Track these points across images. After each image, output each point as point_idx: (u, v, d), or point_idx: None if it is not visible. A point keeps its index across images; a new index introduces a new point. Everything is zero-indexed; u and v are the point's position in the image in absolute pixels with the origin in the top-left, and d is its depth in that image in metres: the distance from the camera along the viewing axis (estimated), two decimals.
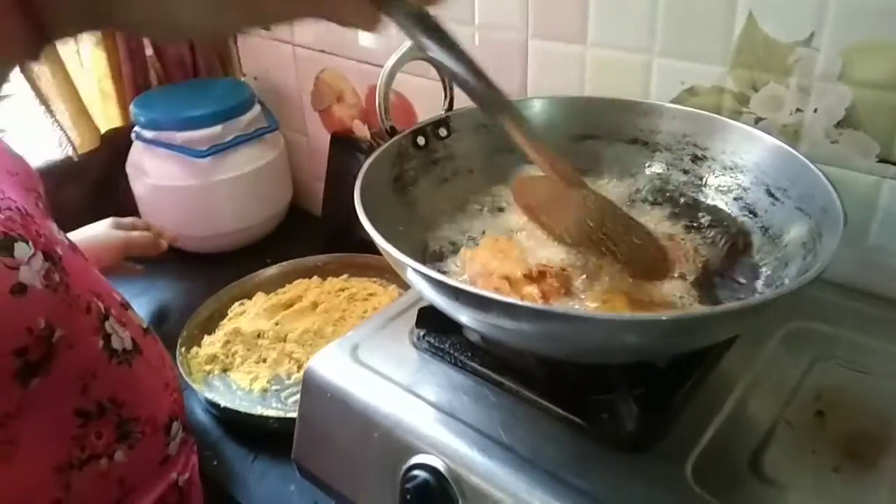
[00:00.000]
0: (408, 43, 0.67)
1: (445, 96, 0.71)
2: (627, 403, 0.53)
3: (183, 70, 1.27)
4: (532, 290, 0.54)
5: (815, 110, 0.66)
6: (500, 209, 0.69)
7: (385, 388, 0.60)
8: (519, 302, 0.46)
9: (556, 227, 0.62)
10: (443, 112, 0.71)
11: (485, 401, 0.58)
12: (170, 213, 1.13)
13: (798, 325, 0.64)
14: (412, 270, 0.49)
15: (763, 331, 0.63)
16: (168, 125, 1.09)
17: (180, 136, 1.08)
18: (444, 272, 0.61)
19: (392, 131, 0.67)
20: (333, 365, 0.63)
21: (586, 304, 0.55)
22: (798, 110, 0.67)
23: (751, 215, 0.64)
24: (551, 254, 0.60)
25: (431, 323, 0.63)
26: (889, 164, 0.64)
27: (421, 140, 0.69)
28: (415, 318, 0.65)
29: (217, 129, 1.10)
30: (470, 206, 0.70)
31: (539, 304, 0.50)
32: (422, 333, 0.64)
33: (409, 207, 0.66)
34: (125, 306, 0.69)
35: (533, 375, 0.58)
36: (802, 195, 0.59)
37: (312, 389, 0.63)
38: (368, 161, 0.63)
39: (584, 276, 0.58)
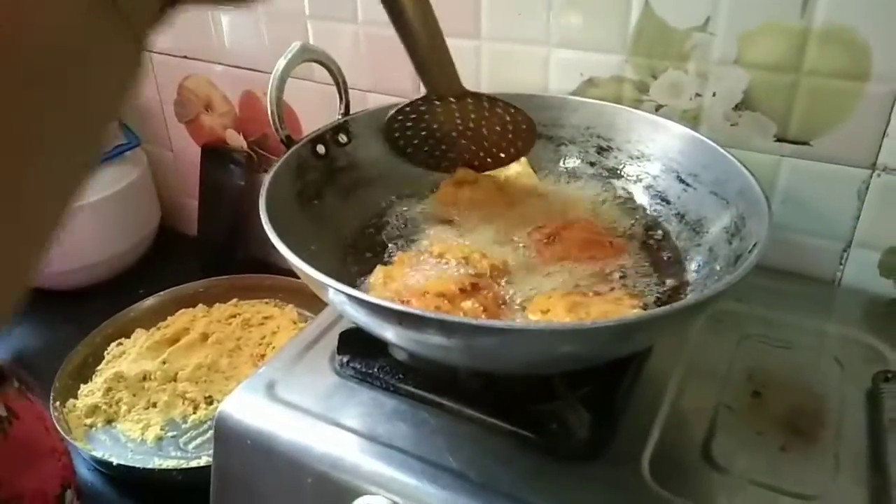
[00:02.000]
0: (297, 44, 0.61)
1: (341, 99, 0.66)
2: (576, 410, 0.51)
3: None
4: (470, 304, 0.51)
5: (714, 94, 0.67)
6: (409, 220, 0.65)
7: (312, 426, 0.54)
8: (476, 322, 0.43)
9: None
10: (339, 117, 0.66)
11: (425, 425, 0.54)
12: None
13: (717, 307, 0.65)
14: (340, 293, 0.44)
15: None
16: None
17: None
18: (360, 289, 0.57)
19: (289, 141, 0.61)
20: (249, 407, 0.56)
21: (527, 315, 0.53)
22: (697, 95, 0.67)
23: (664, 203, 0.64)
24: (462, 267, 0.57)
25: (355, 347, 0.58)
26: (786, 143, 0.66)
27: (321, 149, 0.63)
28: (334, 343, 0.60)
29: None
30: (380, 218, 0.65)
31: (497, 322, 0.46)
32: (345, 359, 0.59)
33: (317, 222, 0.60)
34: None
35: (472, 391, 0.55)
36: (716, 180, 0.59)
37: (228, 437, 0.56)
38: (268, 177, 0.56)
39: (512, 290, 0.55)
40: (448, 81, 0.62)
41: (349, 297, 0.44)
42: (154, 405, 0.82)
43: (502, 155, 0.67)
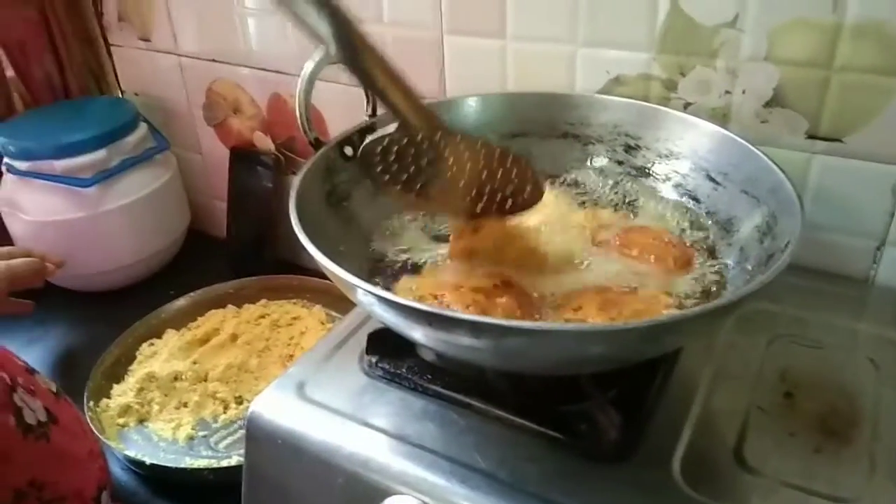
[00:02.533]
0: (323, 46, 0.61)
1: (368, 101, 0.66)
2: (606, 411, 0.51)
3: (51, 91, 1.15)
4: (505, 300, 0.51)
5: (744, 91, 0.66)
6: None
7: (343, 426, 0.54)
8: (497, 321, 0.43)
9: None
10: (366, 118, 0.66)
11: (453, 426, 0.54)
12: (55, 251, 1.01)
13: (746, 307, 0.64)
14: (369, 294, 0.45)
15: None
16: (43, 153, 0.97)
17: (59, 165, 0.97)
18: (389, 289, 0.57)
19: (317, 143, 0.62)
20: (280, 406, 0.57)
21: (561, 312, 0.52)
22: (727, 92, 0.67)
23: (694, 201, 0.64)
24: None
25: (384, 347, 0.59)
26: (817, 140, 0.65)
27: (348, 150, 0.63)
28: (362, 343, 0.60)
29: (101, 153, 0.99)
30: (406, 217, 0.65)
31: (526, 323, 0.46)
32: (374, 360, 0.59)
33: (346, 223, 0.61)
34: (30, 371, 0.60)
35: (501, 391, 0.55)
36: (747, 178, 0.58)
37: (259, 437, 0.56)
38: (297, 179, 0.57)
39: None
40: (429, 121, 0.57)
41: (378, 297, 0.45)
42: (185, 405, 0.83)
43: (497, 205, 0.59)
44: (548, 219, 0.63)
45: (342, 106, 0.90)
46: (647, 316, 0.50)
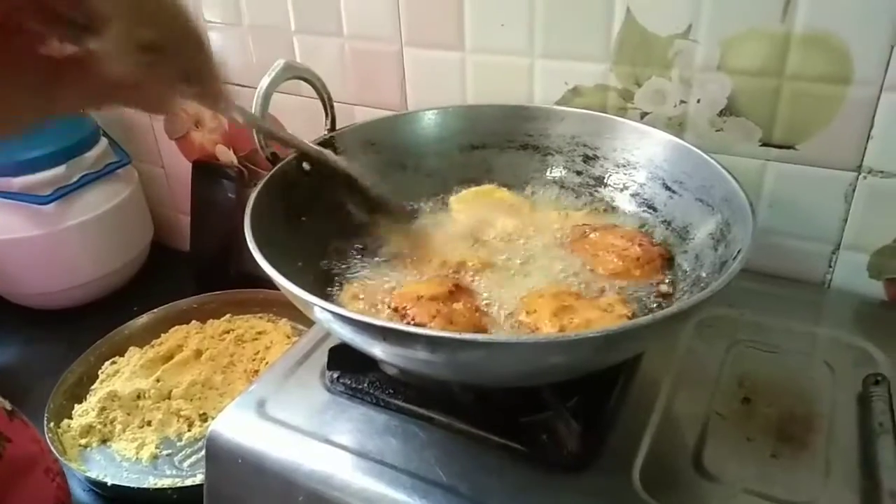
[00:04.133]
0: (280, 62, 0.61)
1: (327, 115, 0.66)
2: (566, 421, 0.51)
3: None
4: (461, 305, 0.51)
5: (698, 101, 0.67)
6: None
7: (303, 444, 0.54)
8: (452, 335, 0.42)
9: None
10: (325, 132, 0.66)
11: (415, 440, 0.54)
12: (14, 270, 0.99)
13: (705, 314, 0.65)
14: (324, 311, 0.44)
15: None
16: (1, 170, 0.95)
17: (18, 182, 0.95)
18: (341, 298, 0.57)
19: (274, 158, 0.61)
20: (240, 426, 0.56)
21: (516, 317, 0.53)
22: (682, 102, 0.68)
23: (651, 210, 0.64)
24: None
25: (345, 363, 0.58)
26: (771, 147, 0.66)
27: (306, 165, 0.63)
28: (324, 359, 0.60)
29: (60, 169, 0.98)
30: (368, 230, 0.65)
31: (482, 336, 0.46)
32: (335, 375, 0.59)
33: (306, 239, 0.60)
34: None
35: (462, 404, 0.55)
36: (701, 187, 0.59)
37: (219, 456, 0.56)
38: (253, 195, 0.57)
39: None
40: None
41: (334, 314, 0.44)
42: (149, 423, 0.82)
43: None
44: (519, 219, 0.64)
45: (303, 119, 0.89)
46: (601, 324, 0.51)
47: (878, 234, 0.65)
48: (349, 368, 0.59)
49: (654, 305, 0.56)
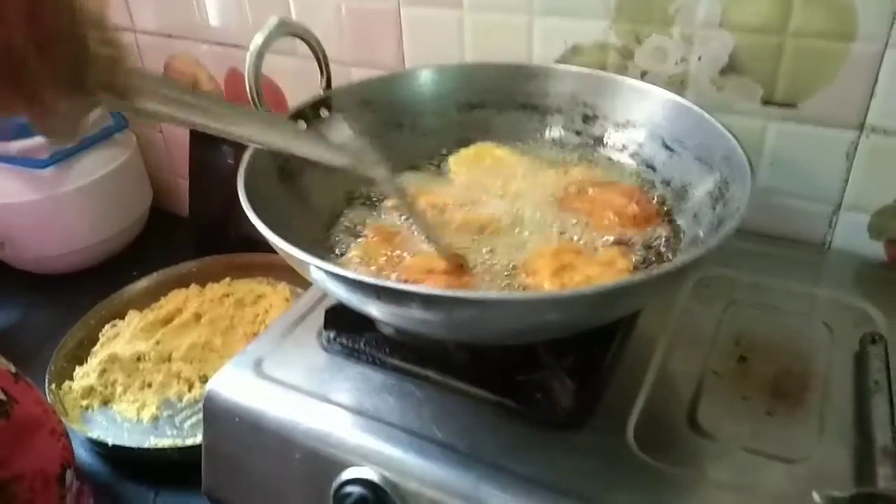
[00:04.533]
0: (274, 19, 0.60)
1: (322, 74, 0.65)
2: (561, 379, 0.51)
3: None
4: (468, 278, 0.51)
5: (700, 59, 0.66)
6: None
7: (300, 402, 0.54)
8: (446, 292, 0.42)
9: None
10: (321, 91, 0.66)
11: (411, 397, 0.54)
12: (13, 234, 0.99)
13: (703, 273, 0.64)
14: (319, 270, 0.44)
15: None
16: None
17: (14, 147, 0.95)
18: (342, 264, 0.57)
19: None
20: (237, 384, 0.57)
21: (518, 276, 0.53)
22: (683, 60, 0.67)
23: (650, 170, 0.64)
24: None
25: (342, 322, 0.58)
26: (772, 106, 0.65)
27: (302, 124, 0.62)
28: (321, 319, 0.60)
29: None
30: (364, 190, 0.65)
31: (462, 292, 0.46)
32: (332, 335, 0.59)
33: (300, 199, 0.60)
34: None
35: (457, 362, 0.55)
36: (700, 145, 0.58)
37: (217, 415, 0.56)
38: (247, 153, 0.56)
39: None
40: None
41: (328, 273, 0.44)
42: (149, 385, 0.82)
43: None
44: (517, 178, 0.63)
45: (300, 79, 0.88)
46: (602, 280, 0.50)
47: (879, 194, 0.65)
48: (346, 328, 0.59)
49: (652, 263, 0.55)
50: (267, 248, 0.48)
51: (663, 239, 0.57)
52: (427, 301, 0.43)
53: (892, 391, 0.50)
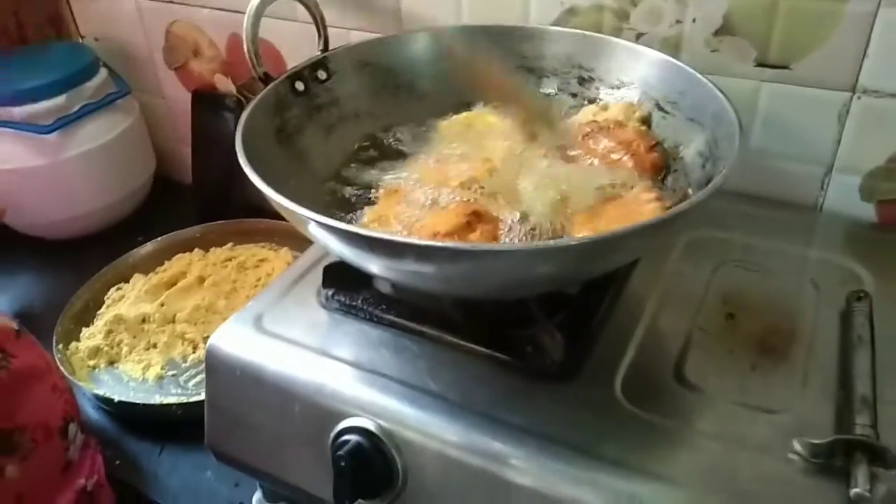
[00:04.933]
0: None
1: (319, 36, 0.66)
2: (551, 333, 0.53)
3: (7, 37, 1.13)
4: (477, 234, 0.52)
5: (694, 20, 0.66)
6: (399, 152, 0.66)
7: (299, 356, 0.56)
8: (437, 243, 0.43)
9: None
10: (318, 53, 0.66)
11: (406, 352, 0.55)
12: (17, 199, 1.01)
13: (695, 235, 0.65)
14: (318, 225, 0.45)
15: (663, 245, 0.64)
16: (1, 100, 0.96)
17: (19, 112, 0.96)
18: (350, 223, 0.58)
19: (266, 78, 0.62)
20: (238, 339, 0.58)
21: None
22: (678, 21, 0.67)
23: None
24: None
25: (339, 280, 0.60)
26: (766, 68, 0.65)
27: (300, 85, 0.63)
28: (320, 278, 0.61)
29: (60, 99, 0.98)
30: (363, 152, 0.66)
31: (455, 244, 0.47)
32: (330, 293, 0.60)
33: (298, 159, 0.61)
34: None
35: (452, 319, 0.56)
36: (693, 105, 0.59)
37: (218, 369, 0.58)
38: (245, 112, 0.57)
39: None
40: None
41: (323, 226, 0.45)
42: (154, 346, 0.84)
43: None
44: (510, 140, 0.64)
45: (300, 42, 0.89)
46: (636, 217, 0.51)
47: (870, 156, 0.65)
48: (344, 286, 0.60)
49: None
50: (269, 214, 0.50)
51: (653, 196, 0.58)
52: (420, 252, 0.44)
53: (875, 346, 0.52)
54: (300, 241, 0.95)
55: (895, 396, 0.49)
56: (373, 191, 0.61)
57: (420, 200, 0.58)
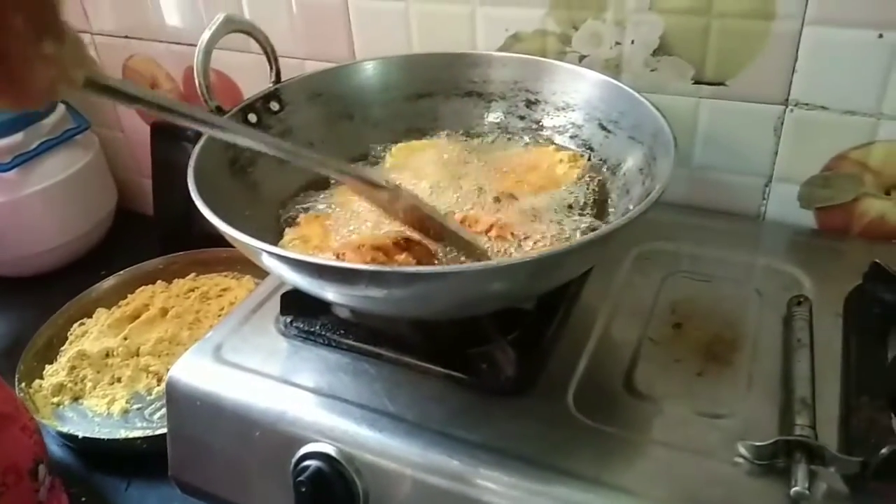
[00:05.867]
0: (220, 16, 0.62)
1: (271, 68, 0.67)
2: (504, 350, 0.54)
3: None
4: (404, 257, 0.53)
5: (633, 42, 0.69)
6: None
7: (258, 384, 0.57)
8: (388, 268, 0.45)
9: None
10: (270, 84, 0.68)
11: (365, 375, 0.56)
12: None
13: (644, 247, 0.68)
14: (268, 255, 0.47)
15: (614, 259, 0.66)
16: None
17: None
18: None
19: (219, 111, 0.63)
20: (197, 370, 0.59)
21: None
22: (617, 44, 0.69)
23: (588, 150, 0.66)
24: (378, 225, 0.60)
25: (297, 307, 0.61)
26: (703, 85, 0.68)
27: (252, 117, 0.65)
28: (278, 305, 0.62)
29: (18, 136, 0.98)
30: (318, 179, 0.67)
31: (406, 268, 0.48)
32: (289, 320, 0.61)
33: (252, 190, 0.62)
34: None
35: (410, 340, 0.57)
36: (633, 125, 0.61)
37: (178, 400, 0.58)
38: (198, 146, 0.58)
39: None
40: None
41: (274, 255, 0.47)
42: (118, 380, 0.84)
43: None
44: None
45: (255, 74, 0.90)
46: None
47: (806, 165, 0.68)
48: (301, 313, 0.61)
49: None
50: (230, 243, 0.50)
51: (594, 214, 0.60)
52: (372, 277, 0.45)
53: (814, 348, 0.54)
54: (261, 269, 0.96)
55: (833, 397, 0.51)
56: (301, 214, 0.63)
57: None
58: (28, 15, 0.30)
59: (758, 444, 0.46)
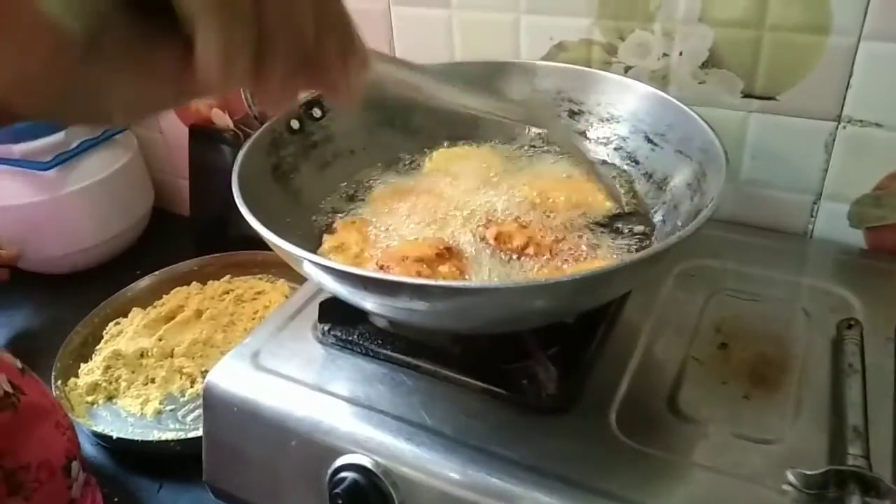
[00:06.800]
0: None
1: None
2: (545, 366, 0.53)
3: None
4: (447, 268, 0.52)
5: (681, 53, 0.67)
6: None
7: (295, 392, 0.56)
8: (433, 282, 0.44)
9: None
10: (312, 91, 0.67)
11: (402, 387, 0.56)
12: (17, 235, 1.01)
13: (688, 264, 0.66)
14: (311, 264, 0.46)
15: (657, 276, 0.65)
16: (1, 138, 0.97)
17: (18, 149, 0.97)
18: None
19: (262, 117, 0.63)
20: (235, 376, 0.59)
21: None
22: (665, 55, 0.68)
23: (633, 163, 0.65)
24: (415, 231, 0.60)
25: (335, 315, 0.60)
26: (753, 99, 0.67)
27: (295, 124, 0.65)
28: (316, 313, 0.62)
29: (59, 135, 0.99)
30: (360, 188, 0.67)
31: (451, 282, 0.48)
32: (326, 328, 0.61)
33: (293, 196, 0.62)
34: None
35: (448, 353, 0.57)
36: (681, 138, 0.60)
37: (216, 405, 0.58)
38: (242, 151, 0.58)
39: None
40: None
41: (318, 265, 0.46)
42: (152, 381, 0.84)
43: None
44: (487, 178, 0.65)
45: None
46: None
47: (857, 183, 0.66)
48: (339, 321, 0.61)
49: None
50: (266, 245, 0.50)
51: (641, 231, 0.59)
52: (414, 291, 0.44)
53: (866, 374, 0.52)
54: (296, 273, 0.95)
55: (886, 425, 0.49)
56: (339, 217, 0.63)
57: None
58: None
59: (808, 472, 0.45)
